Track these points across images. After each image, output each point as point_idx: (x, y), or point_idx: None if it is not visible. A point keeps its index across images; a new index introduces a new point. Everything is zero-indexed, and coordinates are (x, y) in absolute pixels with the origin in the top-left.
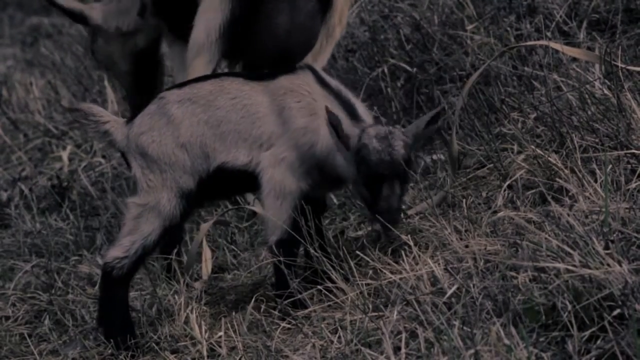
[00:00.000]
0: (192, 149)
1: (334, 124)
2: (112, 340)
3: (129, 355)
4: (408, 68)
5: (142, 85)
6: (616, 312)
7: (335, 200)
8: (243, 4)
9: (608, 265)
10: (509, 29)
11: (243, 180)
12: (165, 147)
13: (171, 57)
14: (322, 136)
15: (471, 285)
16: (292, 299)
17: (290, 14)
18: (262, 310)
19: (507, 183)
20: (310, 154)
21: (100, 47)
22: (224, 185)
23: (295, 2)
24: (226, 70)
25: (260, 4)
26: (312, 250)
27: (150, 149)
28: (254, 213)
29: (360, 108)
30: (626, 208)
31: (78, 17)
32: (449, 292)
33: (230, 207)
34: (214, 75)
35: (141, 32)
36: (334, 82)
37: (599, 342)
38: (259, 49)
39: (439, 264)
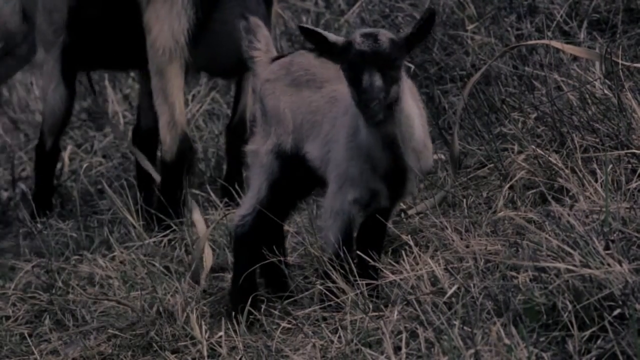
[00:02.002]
0: (291, 120)
1: (314, 35)
2: (231, 300)
3: (130, 354)
4: (410, 65)
5: None
6: (616, 312)
7: None
8: (202, 10)
9: (608, 265)
10: (509, 28)
11: (313, 179)
12: (278, 103)
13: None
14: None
15: (471, 285)
16: (292, 299)
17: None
18: (262, 310)
19: (509, 184)
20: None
21: None
22: (300, 179)
23: (247, 5)
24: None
25: (216, 10)
26: (313, 251)
27: (267, 98)
28: None
29: None
30: (626, 208)
31: None
32: (450, 292)
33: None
34: None
35: None
36: None
37: (599, 342)
38: (220, 55)
39: (439, 263)
